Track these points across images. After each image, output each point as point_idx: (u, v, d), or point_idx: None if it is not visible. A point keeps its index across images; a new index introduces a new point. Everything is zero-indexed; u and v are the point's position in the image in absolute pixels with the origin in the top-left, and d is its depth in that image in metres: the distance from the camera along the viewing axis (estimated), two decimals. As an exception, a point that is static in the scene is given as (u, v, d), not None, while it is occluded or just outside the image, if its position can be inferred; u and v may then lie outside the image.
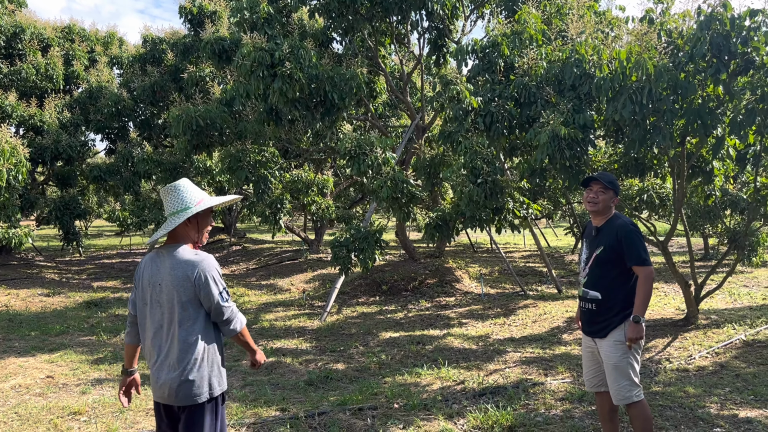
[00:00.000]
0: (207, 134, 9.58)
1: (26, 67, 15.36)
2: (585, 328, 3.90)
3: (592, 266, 3.77)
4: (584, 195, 3.89)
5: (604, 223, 3.81)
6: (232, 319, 2.88)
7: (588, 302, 3.79)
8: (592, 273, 3.77)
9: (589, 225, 3.99)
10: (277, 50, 7.96)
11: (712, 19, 5.53)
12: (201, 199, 2.99)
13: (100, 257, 19.40)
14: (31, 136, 15.00)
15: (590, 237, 3.89)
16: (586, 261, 3.85)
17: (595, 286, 3.75)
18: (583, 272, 3.87)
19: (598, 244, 3.75)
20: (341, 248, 8.65)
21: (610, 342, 3.71)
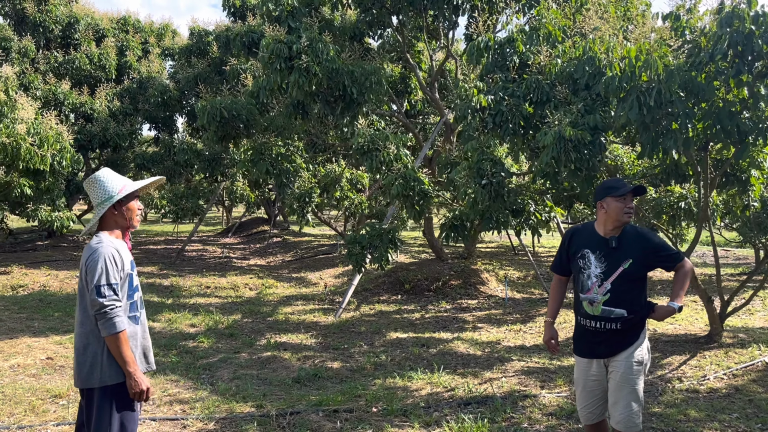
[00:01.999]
0: (233, 126, 9.66)
1: (80, 56, 15.91)
2: (598, 351, 3.50)
3: (617, 282, 3.40)
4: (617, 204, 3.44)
5: (621, 233, 3.49)
6: (102, 318, 2.81)
7: (610, 322, 3.41)
8: (618, 289, 3.40)
9: (593, 234, 3.56)
10: (295, 43, 7.92)
11: (734, 16, 5.13)
12: (123, 185, 3.03)
13: (146, 242, 19.96)
14: (82, 123, 15.51)
15: (604, 248, 3.47)
16: (603, 276, 3.43)
17: (621, 302, 3.39)
18: (598, 289, 3.44)
19: (623, 257, 3.42)
20: (355, 245, 8.55)
21: (630, 362, 3.42)
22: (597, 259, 3.47)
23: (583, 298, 3.50)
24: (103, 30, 17.35)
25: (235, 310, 9.82)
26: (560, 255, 3.72)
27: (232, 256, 17.06)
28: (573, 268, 3.61)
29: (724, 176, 7.29)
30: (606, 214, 3.50)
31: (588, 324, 3.49)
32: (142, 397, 2.87)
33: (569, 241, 3.66)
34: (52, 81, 15.39)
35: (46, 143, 11.83)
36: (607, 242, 3.48)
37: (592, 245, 3.52)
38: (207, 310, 9.61)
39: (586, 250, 3.53)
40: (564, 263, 3.69)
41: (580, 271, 3.53)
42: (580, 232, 3.66)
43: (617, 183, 3.57)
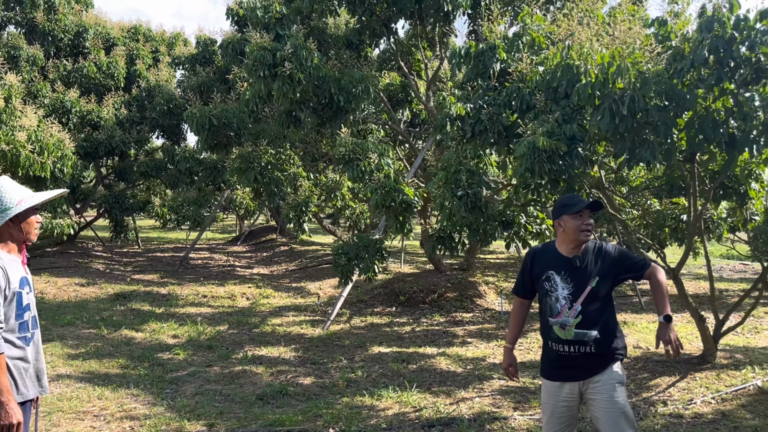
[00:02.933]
0: (224, 134, 9.57)
1: (88, 65, 16.03)
2: (572, 374, 3.26)
3: (587, 302, 3.19)
4: (574, 222, 3.25)
5: (583, 251, 3.29)
6: None
7: (585, 345, 3.20)
8: (588, 310, 3.19)
9: (555, 255, 3.34)
10: (279, 50, 7.79)
11: (714, 20, 4.85)
12: (21, 198, 2.85)
13: (155, 250, 20.01)
14: (89, 131, 15.60)
15: (568, 269, 3.26)
16: (572, 297, 3.22)
17: (593, 323, 3.19)
18: (569, 312, 3.22)
19: (589, 276, 3.23)
20: (341, 256, 8.36)
21: (614, 383, 3.20)
22: (563, 281, 3.27)
23: (553, 322, 3.27)
24: (114, 39, 17.49)
25: (224, 320, 9.69)
26: (522, 277, 3.52)
27: (236, 264, 16.99)
28: (538, 292, 3.40)
29: (722, 188, 6.97)
30: (564, 233, 3.31)
31: (561, 349, 3.26)
32: (10, 431, 2.65)
33: (531, 263, 3.45)
34: (61, 89, 15.51)
35: (46, 151, 11.86)
36: (571, 262, 3.28)
37: (556, 266, 3.31)
38: (194, 320, 9.50)
39: (551, 272, 3.31)
40: (527, 286, 3.48)
41: (547, 294, 3.30)
42: (541, 253, 3.45)
43: (572, 200, 3.37)
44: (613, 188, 9.01)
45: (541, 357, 3.47)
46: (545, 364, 3.42)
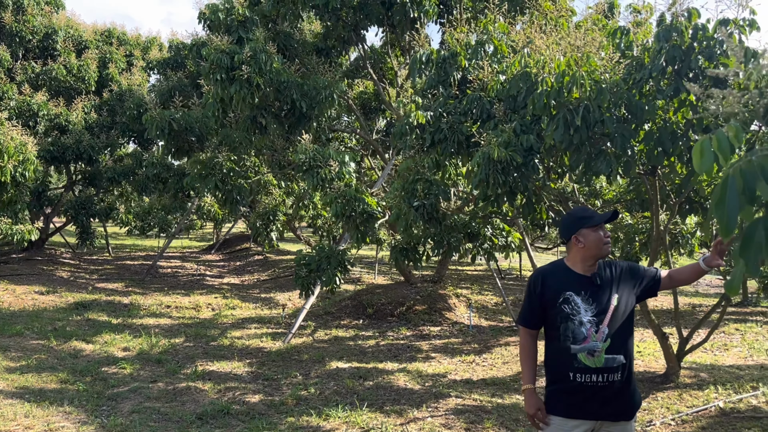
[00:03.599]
0: (185, 139, 9.29)
1: (57, 67, 15.67)
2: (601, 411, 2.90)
3: (612, 324, 2.88)
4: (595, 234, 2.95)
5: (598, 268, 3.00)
6: None
7: (614, 372, 2.86)
8: (614, 332, 2.88)
9: (569, 274, 3.00)
10: (237, 53, 7.54)
11: (672, 29, 4.68)
12: None
13: (126, 258, 19.61)
14: (56, 135, 15.23)
15: (588, 288, 2.94)
16: (597, 320, 2.88)
17: (620, 347, 2.88)
18: (596, 335, 2.87)
19: (610, 294, 2.92)
20: (302, 267, 8.09)
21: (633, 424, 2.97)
22: (584, 302, 2.91)
23: (577, 349, 2.89)
24: (86, 42, 17.15)
25: (181, 332, 9.37)
26: (530, 304, 3.06)
27: (207, 273, 16.65)
28: (553, 317, 2.97)
29: (688, 203, 6.80)
30: (584, 248, 2.95)
31: (588, 380, 2.87)
32: None
33: (542, 286, 3.02)
34: (28, 91, 15.14)
35: (6, 154, 11.51)
36: (590, 280, 2.95)
37: (573, 286, 2.94)
38: (150, 332, 9.17)
39: (569, 293, 2.94)
40: (537, 313, 3.04)
41: (568, 318, 2.92)
42: (552, 274, 3.06)
43: (587, 212, 3.07)
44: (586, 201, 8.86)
45: (551, 392, 3.04)
46: (560, 400, 2.99)
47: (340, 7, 8.29)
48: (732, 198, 1.55)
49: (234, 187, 9.12)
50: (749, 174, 1.55)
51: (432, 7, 8.27)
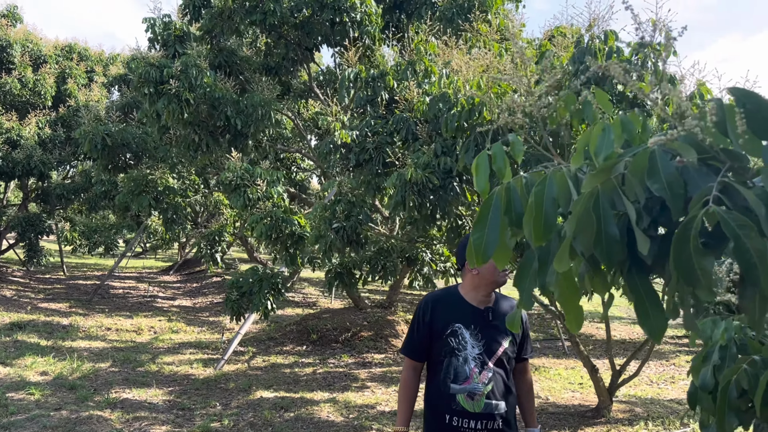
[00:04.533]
0: (120, 155, 8.99)
1: (11, 81, 15.31)
2: None
3: (498, 366, 2.62)
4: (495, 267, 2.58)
5: (494, 301, 2.70)
6: None
7: (492, 420, 2.59)
8: (499, 376, 2.62)
9: (461, 304, 2.70)
10: (166, 67, 7.29)
11: (586, 51, 4.51)
12: None
13: (80, 277, 19.06)
14: (7, 150, 14.81)
15: (479, 322, 2.64)
16: (482, 360, 2.61)
17: (502, 393, 2.63)
18: (479, 376, 2.60)
19: (503, 333, 2.65)
20: (232, 290, 7.77)
21: None
22: (473, 337, 2.63)
23: (457, 389, 2.60)
24: (45, 56, 16.81)
25: (110, 356, 8.95)
26: (417, 332, 2.75)
27: (160, 295, 16.18)
28: (440, 351, 2.67)
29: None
30: (478, 275, 2.64)
31: (465, 425, 2.59)
32: None
33: (431, 313, 2.71)
34: (-21, 105, 14.75)
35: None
36: (482, 313, 2.65)
37: (464, 318, 2.65)
38: (78, 355, 8.75)
39: (458, 325, 2.65)
40: (423, 343, 2.72)
41: (453, 353, 2.63)
42: (443, 301, 2.74)
43: None
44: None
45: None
46: None
47: (279, 24, 8.09)
48: (494, 220, 1.30)
49: (170, 206, 8.79)
50: (515, 192, 1.31)
51: (374, 28, 8.09)
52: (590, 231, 1.07)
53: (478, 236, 1.30)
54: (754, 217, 0.94)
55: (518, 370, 2.83)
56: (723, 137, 1.05)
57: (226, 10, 7.96)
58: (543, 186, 1.21)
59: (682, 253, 0.97)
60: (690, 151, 1.03)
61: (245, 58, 9.15)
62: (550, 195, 1.20)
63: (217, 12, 7.94)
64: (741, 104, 1.03)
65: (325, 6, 7.89)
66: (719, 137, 1.05)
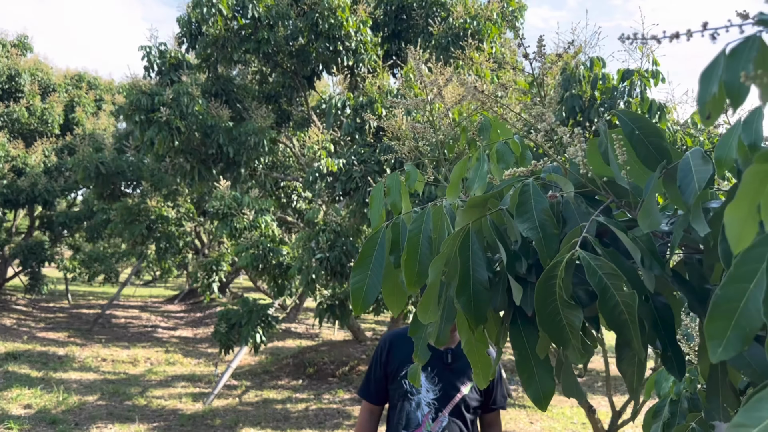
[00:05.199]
0: (114, 184, 8.92)
1: (19, 109, 15.46)
2: None
3: (455, 413, 2.40)
4: None
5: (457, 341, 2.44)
6: None
7: None
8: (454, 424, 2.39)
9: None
10: (158, 95, 7.24)
11: (571, 78, 4.35)
12: None
13: (84, 306, 18.99)
14: (13, 178, 14.88)
15: (437, 365, 2.43)
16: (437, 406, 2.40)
17: None
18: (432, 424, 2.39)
19: (463, 378, 2.43)
20: (221, 323, 7.59)
21: None
22: (429, 380, 2.43)
23: None
24: (54, 85, 17.01)
25: (99, 389, 8.78)
26: (373, 373, 2.58)
27: (161, 325, 16.03)
28: (394, 394, 2.51)
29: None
30: None
31: None
32: None
33: (387, 353, 2.53)
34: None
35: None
36: (441, 356, 2.43)
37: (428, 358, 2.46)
38: (67, 387, 8.59)
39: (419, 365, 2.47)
40: (379, 385, 2.54)
41: (405, 397, 2.44)
42: (401, 339, 2.54)
43: None
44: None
45: None
46: None
47: (274, 53, 8.05)
48: (378, 261, 1.13)
49: (163, 235, 8.69)
50: (404, 229, 1.14)
51: (370, 56, 8.02)
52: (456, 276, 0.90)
53: (359, 279, 1.13)
54: (632, 265, 0.76)
55: (486, 423, 2.56)
56: (608, 167, 0.88)
57: (221, 39, 7.92)
58: (419, 223, 1.05)
59: (547, 306, 0.80)
60: (567, 184, 0.87)
61: (242, 86, 9.11)
62: (426, 234, 1.04)
63: (212, 40, 7.90)
64: (629, 130, 0.87)
65: (320, 34, 7.83)
66: (605, 168, 0.88)
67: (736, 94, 0.61)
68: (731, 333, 0.54)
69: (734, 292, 0.55)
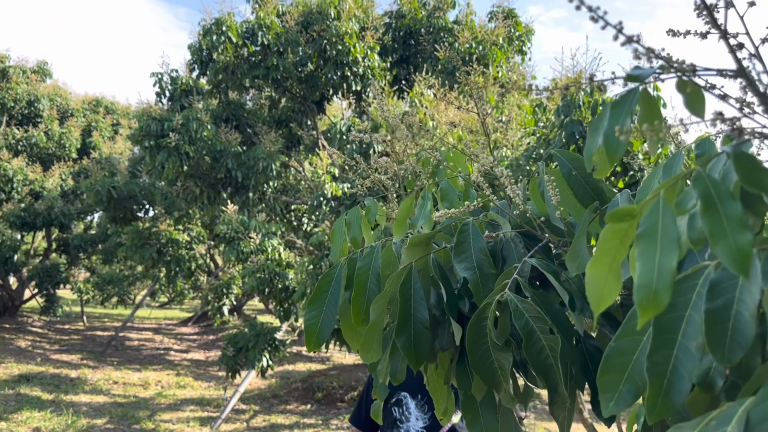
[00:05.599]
0: (126, 207, 9.03)
1: (38, 134, 15.75)
2: None
3: None
4: None
5: None
6: None
7: None
8: None
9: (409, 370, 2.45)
10: (167, 120, 7.35)
11: (570, 104, 4.35)
12: None
13: (99, 328, 19.10)
14: (30, 201, 15.12)
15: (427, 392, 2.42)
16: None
17: None
18: None
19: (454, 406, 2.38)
20: (228, 346, 7.59)
21: None
22: (419, 408, 2.38)
23: None
24: (72, 110, 17.33)
25: (108, 412, 8.79)
26: (365, 400, 2.55)
27: (174, 347, 16.05)
28: (384, 421, 2.44)
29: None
30: None
31: None
32: None
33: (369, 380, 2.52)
34: (6, 157, 15.15)
35: (-39, 218, 11.33)
36: None
37: (411, 386, 2.40)
38: (76, 410, 8.61)
39: (404, 394, 2.41)
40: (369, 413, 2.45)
41: (395, 425, 2.38)
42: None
43: None
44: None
45: None
46: None
47: (284, 79, 8.14)
48: (333, 297, 1.13)
49: (173, 258, 8.76)
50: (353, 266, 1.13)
51: (377, 81, 8.09)
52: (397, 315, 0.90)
53: (313, 316, 1.12)
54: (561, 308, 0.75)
55: None
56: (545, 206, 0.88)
57: (230, 66, 8.03)
58: (369, 260, 1.05)
59: (479, 348, 0.79)
60: (505, 224, 0.87)
61: (252, 111, 9.21)
62: (375, 271, 1.03)
63: (222, 67, 8.01)
64: (566, 170, 0.86)
65: (328, 60, 7.91)
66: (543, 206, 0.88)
67: (613, 148, 0.62)
68: (623, 386, 0.53)
69: (627, 344, 0.55)
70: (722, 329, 0.55)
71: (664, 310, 0.54)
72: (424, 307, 0.90)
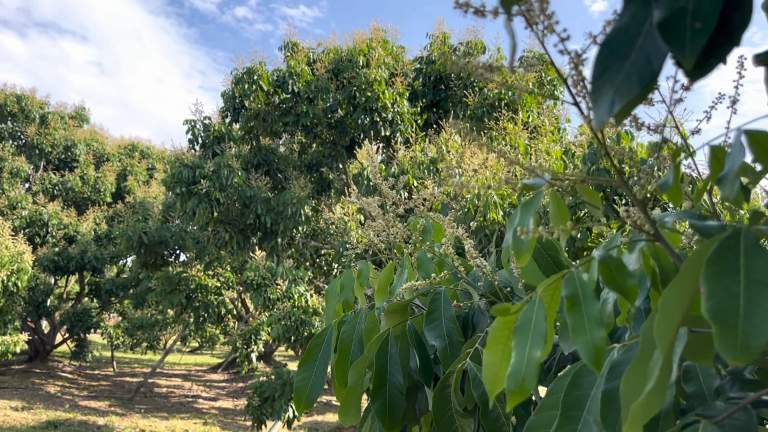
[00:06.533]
0: (157, 252, 9.07)
1: (73, 178, 16.11)
2: None
3: None
4: None
5: None
6: None
7: None
8: None
9: None
10: (199, 167, 7.41)
11: (596, 152, 4.23)
12: None
13: (128, 374, 19.11)
14: (64, 245, 15.37)
15: None
16: None
17: None
18: None
19: None
20: (254, 396, 7.45)
21: None
22: None
23: None
24: (108, 154, 17.74)
25: (132, 462, 8.65)
26: None
27: (202, 395, 15.92)
28: None
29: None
30: None
31: None
32: None
33: None
34: (42, 201, 15.50)
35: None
36: None
37: None
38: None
39: None
40: None
41: None
42: None
43: None
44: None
45: None
46: None
47: (314, 125, 8.18)
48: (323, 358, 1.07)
49: (202, 304, 8.74)
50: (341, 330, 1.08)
51: (406, 127, 8.08)
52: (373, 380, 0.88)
53: (303, 377, 1.09)
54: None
55: None
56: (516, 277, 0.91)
57: (262, 113, 8.11)
58: (352, 325, 1.05)
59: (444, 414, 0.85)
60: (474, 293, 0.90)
61: (283, 157, 9.27)
62: (358, 336, 1.02)
63: (253, 114, 8.10)
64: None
65: (358, 107, 7.94)
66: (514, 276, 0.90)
67: (518, 247, 0.64)
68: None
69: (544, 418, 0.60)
70: (616, 409, 0.62)
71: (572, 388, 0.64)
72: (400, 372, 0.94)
